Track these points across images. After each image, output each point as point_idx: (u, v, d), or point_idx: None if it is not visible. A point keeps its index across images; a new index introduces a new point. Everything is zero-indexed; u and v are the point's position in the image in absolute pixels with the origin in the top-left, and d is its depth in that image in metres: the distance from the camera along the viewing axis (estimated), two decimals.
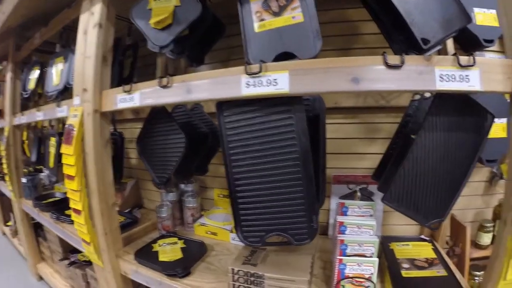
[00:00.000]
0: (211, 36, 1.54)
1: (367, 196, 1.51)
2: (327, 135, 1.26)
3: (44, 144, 2.37)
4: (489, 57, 1.45)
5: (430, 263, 1.23)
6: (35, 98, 3.05)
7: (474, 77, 0.82)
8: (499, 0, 0.86)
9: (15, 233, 3.46)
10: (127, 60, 1.91)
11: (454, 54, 0.84)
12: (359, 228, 1.20)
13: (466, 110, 0.97)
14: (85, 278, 2.00)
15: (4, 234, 3.94)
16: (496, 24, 1.28)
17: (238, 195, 1.09)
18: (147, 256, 1.42)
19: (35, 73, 2.26)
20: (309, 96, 1.23)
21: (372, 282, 1.08)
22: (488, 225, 1.52)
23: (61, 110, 1.61)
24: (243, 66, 0.95)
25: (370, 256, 1.12)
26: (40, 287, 2.70)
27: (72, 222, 1.84)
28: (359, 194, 1.52)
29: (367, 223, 1.20)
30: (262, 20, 1.01)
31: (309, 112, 1.17)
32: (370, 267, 1.09)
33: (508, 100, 0.89)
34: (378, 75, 0.85)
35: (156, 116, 1.48)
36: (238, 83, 0.95)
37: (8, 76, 2.62)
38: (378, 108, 1.50)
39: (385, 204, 1.06)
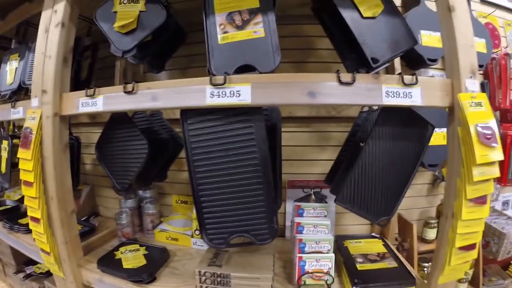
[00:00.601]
0: (173, 43, 1.55)
1: (320, 199, 1.61)
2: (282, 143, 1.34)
3: None
4: (432, 74, 1.71)
5: (381, 257, 1.38)
6: None
7: (416, 94, 0.97)
8: (442, 28, 1.03)
9: None
10: (85, 62, 1.85)
11: (399, 74, 0.98)
12: (315, 228, 1.34)
13: (410, 121, 1.12)
14: None
15: None
16: (440, 45, 1.39)
17: (202, 199, 1.14)
18: (110, 264, 1.39)
19: None
20: (267, 107, 1.30)
21: (330, 275, 1.23)
22: (433, 221, 1.71)
23: (16, 112, 1.52)
24: (207, 76, 1.01)
25: (327, 253, 1.25)
26: None
27: (27, 231, 1.77)
28: (313, 197, 1.62)
29: (323, 223, 1.34)
30: (225, 32, 1.08)
31: (267, 121, 1.25)
32: (327, 262, 1.22)
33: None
34: (332, 90, 0.96)
35: (116, 122, 1.45)
36: (203, 93, 1.00)
37: None
38: (329, 118, 1.65)
39: (338, 205, 1.20)
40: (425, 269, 1.64)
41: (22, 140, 1.30)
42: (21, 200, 2.31)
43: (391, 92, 0.96)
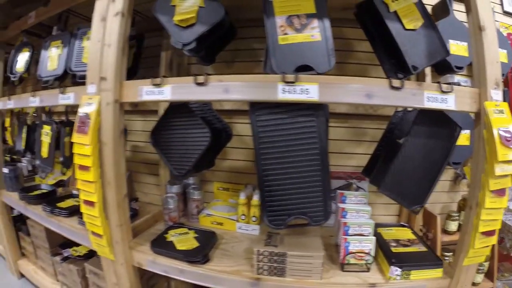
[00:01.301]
0: (225, 38, 1.60)
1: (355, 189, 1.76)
2: None
3: (32, 132, 2.26)
4: (457, 80, 1.83)
5: (412, 242, 1.51)
6: (16, 82, 2.91)
7: (450, 100, 1.11)
8: (473, 44, 1.18)
9: None
10: (130, 51, 1.86)
11: (438, 82, 1.12)
12: (358, 213, 1.49)
13: (441, 122, 1.25)
14: (81, 273, 1.95)
15: None
16: (466, 54, 1.60)
17: (266, 184, 1.25)
18: (164, 246, 1.45)
19: (25, 55, 2.14)
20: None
21: (371, 255, 1.36)
22: (455, 215, 1.85)
23: (66, 97, 1.55)
24: (260, 71, 1.14)
25: (368, 235, 1.40)
26: (21, 285, 2.57)
27: (68, 215, 1.82)
28: (355, 186, 1.79)
29: (364, 209, 1.49)
30: (285, 34, 1.17)
31: None
32: (369, 244, 1.36)
33: (472, 117, 1.21)
34: (385, 93, 1.08)
35: (175, 111, 1.49)
36: (275, 89, 1.09)
37: None
38: (366, 116, 1.77)
39: (381, 192, 1.40)
40: (447, 258, 1.77)
41: (78, 125, 1.33)
42: (57, 184, 2.37)
43: (431, 97, 1.10)
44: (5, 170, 2.38)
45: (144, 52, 1.86)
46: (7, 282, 2.61)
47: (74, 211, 1.83)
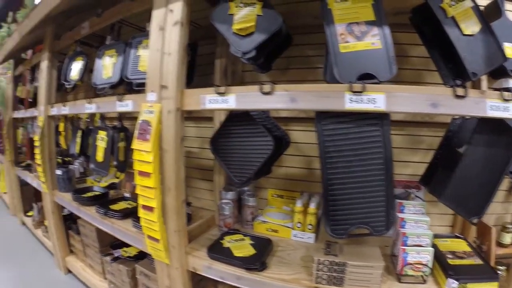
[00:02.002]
0: (281, 46, 1.56)
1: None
2: None
3: (86, 137, 2.33)
4: None
5: (467, 255, 1.44)
6: (69, 89, 3.03)
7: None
8: None
9: (38, 224, 3.42)
10: None
11: (499, 90, 1.08)
12: (416, 223, 1.41)
13: (501, 131, 1.19)
14: (130, 274, 1.99)
15: (23, 224, 3.90)
16: None
17: (330, 193, 1.22)
18: (221, 252, 1.44)
19: (78, 64, 2.21)
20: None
21: (429, 267, 1.29)
22: (510, 226, 1.72)
23: (124, 105, 1.58)
24: (345, 84, 1.07)
25: (427, 246, 1.33)
26: (68, 280, 2.67)
27: (121, 217, 1.85)
28: (413, 195, 1.67)
29: (423, 219, 1.41)
30: (346, 42, 1.14)
31: None
32: (427, 255, 1.30)
33: None
34: (449, 102, 1.04)
35: (236, 119, 1.48)
36: (342, 98, 1.06)
37: (44, 65, 2.56)
38: (422, 123, 1.68)
39: (441, 202, 1.35)
40: (500, 272, 1.59)
41: (140, 132, 1.36)
42: (109, 186, 2.44)
43: (493, 105, 1.05)
44: (58, 172, 2.48)
45: (198, 59, 1.87)
46: (54, 277, 2.72)
47: (128, 214, 1.87)
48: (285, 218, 1.72)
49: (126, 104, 1.56)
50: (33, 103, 3.44)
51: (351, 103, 1.06)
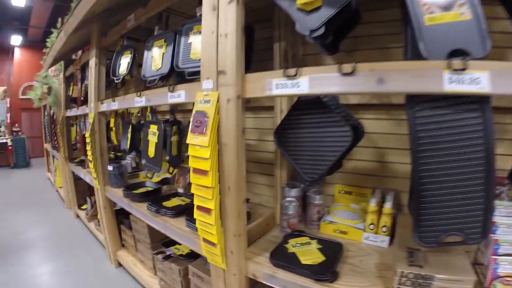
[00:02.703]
0: (349, 23, 1.33)
1: None
2: None
3: (137, 132, 2.25)
4: None
5: None
6: (119, 85, 3.00)
7: None
8: None
9: (91, 217, 3.47)
10: None
11: None
12: (509, 228, 1.17)
13: None
14: (182, 273, 1.88)
15: (78, 217, 4.00)
16: None
17: (421, 193, 1.01)
18: (286, 258, 1.25)
19: (127, 58, 2.13)
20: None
21: None
22: None
23: (175, 96, 1.44)
24: (442, 60, 0.85)
25: None
26: (118, 273, 2.66)
27: (174, 215, 1.73)
28: (504, 194, 1.34)
29: None
30: (431, 13, 0.94)
31: None
32: None
33: None
34: None
35: (304, 107, 1.28)
36: (440, 78, 0.86)
37: (92, 62, 2.53)
38: (509, 109, 1.39)
39: None
40: None
41: (195, 125, 1.20)
42: (161, 182, 2.35)
43: None
44: (110, 168, 2.43)
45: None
46: (105, 269, 2.73)
47: (181, 212, 1.75)
48: (354, 218, 1.50)
49: (179, 95, 1.42)
50: (85, 101, 3.48)
51: (450, 83, 0.84)
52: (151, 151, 1.82)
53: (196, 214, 1.29)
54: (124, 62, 2.13)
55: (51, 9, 7.65)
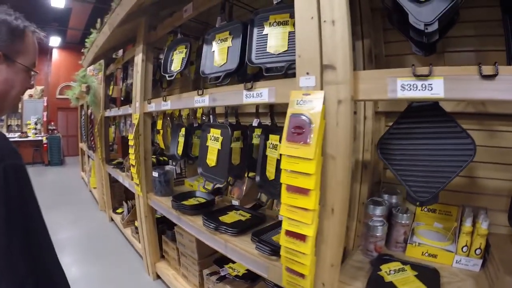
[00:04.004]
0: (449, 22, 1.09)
1: None
2: None
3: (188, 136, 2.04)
4: None
5: None
6: (164, 84, 2.82)
7: None
8: None
9: (127, 223, 3.30)
10: None
11: None
12: None
13: None
14: None
15: (112, 220, 3.86)
16: None
17: None
18: None
19: (181, 53, 1.92)
20: None
21: None
22: None
23: (253, 95, 1.21)
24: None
25: None
26: (156, 286, 2.45)
27: (236, 234, 1.49)
28: None
29: None
30: None
31: None
32: None
33: None
34: None
35: (418, 114, 1.05)
36: None
37: (139, 58, 2.35)
38: None
39: None
40: None
41: (292, 131, 0.96)
42: (213, 192, 2.10)
43: None
44: (155, 174, 2.23)
45: None
46: (143, 281, 2.53)
47: (244, 229, 1.51)
48: (441, 239, 1.29)
49: (259, 94, 1.18)
50: (125, 102, 3.34)
51: None
52: (211, 159, 1.58)
53: (284, 240, 1.04)
54: (178, 58, 1.92)
55: (90, 11, 7.74)
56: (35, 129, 9.46)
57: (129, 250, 3.08)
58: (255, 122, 1.73)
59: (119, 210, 3.71)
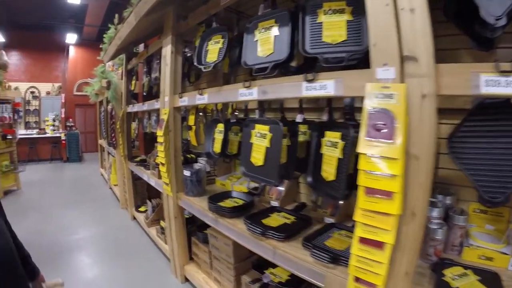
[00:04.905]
0: None
1: None
2: None
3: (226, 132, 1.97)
4: None
5: None
6: (192, 78, 2.76)
7: None
8: None
9: (152, 223, 3.28)
10: None
11: None
12: None
13: None
14: None
15: (134, 218, 3.85)
16: None
17: None
18: None
19: (217, 43, 1.85)
20: None
21: None
22: None
23: (317, 87, 1.13)
24: None
25: None
26: None
27: (284, 238, 1.42)
28: None
29: None
30: None
31: None
32: None
33: None
34: None
35: (491, 111, 1.00)
36: None
37: (168, 50, 2.29)
38: None
39: None
40: None
41: (373, 127, 0.88)
42: (250, 192, 2.04)
43: None
44: (187, 173, 2.17)
45: None
46: (170, 284, 2.49)
47: (292, 233, 1.44)
48: (495, 241, 1.26)
49: (323, 86, 1.10)
50: (147, 97, 3.31)
51: None
52: (257, 158, 1.50)
53: (357, 248, 0.96)
54: (214, 48, 1.85)
55: (106, 8, 7.78)
56: (53, 125, 9.69)
57: (154, 251, 3.05)
58: (299, 118, 1.65)
59: (142, 209, 3.70)
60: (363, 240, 0.94)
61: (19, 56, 9.93)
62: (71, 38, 9.54)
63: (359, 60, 1.13)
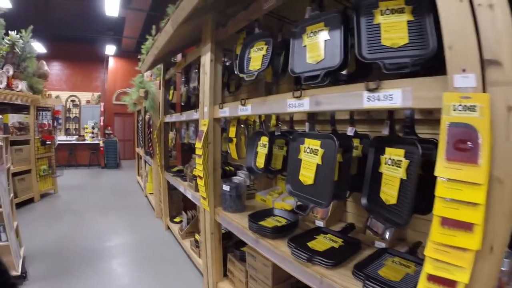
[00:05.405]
0: None
1: None
2: None
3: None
4: None
5: None
6: (231, 88, 2.75)
7: None
8: None
9: (186, 235, 3.27)
10: None
11: None
12: None
13: None
14: None
15: (168, 228, 3.88)
16: None
17: None
18: None
19: (260, 50, 1.80)
20: None
21: None
22: None
23: (378, 97, 1.04)
24: None
25: None
26: None
27: (332, 266, 1.31)
28: None
29: None
30: None
31: None
32: None
33: None
34: None
35: None
36: None
37: (207, 58, 2.27)
38: None
39: None
40: None
41: (454, 146, 0.77)
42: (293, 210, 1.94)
43: None
44: (226, 188, 2.12)
45: None
46: None
47: (341, 260, 1.33)
48: None
49: (387, 96, 1.00)
50: (185, 107, 3.34)
51: None
52: (307, 176, 1.41)
53: (424, 284, 0.84)
54: (257, 56, 1.81)
55: (143, 21, 8.18)
56: (92, 133, 10.26)
57: (187, 263, 3.04)
58: (350, 131, 1.54)
59: (177, 219, 3.72)
60: (432, 278, 0.82)
61: (61, 67, 10.72)
62: (110, 49, 10.17)
63: (421, 66, 1.03)
